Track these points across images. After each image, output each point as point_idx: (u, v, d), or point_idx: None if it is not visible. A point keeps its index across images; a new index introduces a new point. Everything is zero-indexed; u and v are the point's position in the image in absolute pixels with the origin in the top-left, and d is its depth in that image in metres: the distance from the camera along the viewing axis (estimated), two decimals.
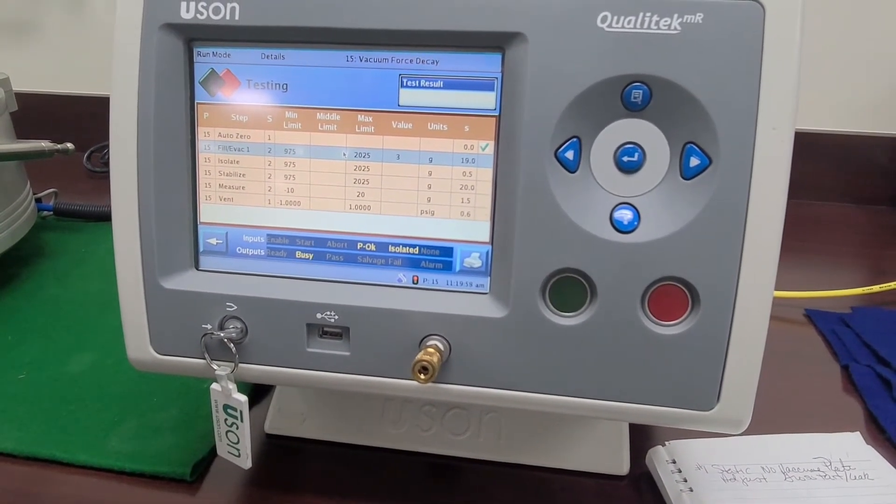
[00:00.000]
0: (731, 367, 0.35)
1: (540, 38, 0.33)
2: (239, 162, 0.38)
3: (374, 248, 0.38)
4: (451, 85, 0.35)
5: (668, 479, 0.42)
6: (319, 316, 0.37)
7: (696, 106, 0.33)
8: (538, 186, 0.34)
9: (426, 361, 0.34)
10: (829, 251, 0.80)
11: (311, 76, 0.37)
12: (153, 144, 0.37)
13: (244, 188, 0.38)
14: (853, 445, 0.46)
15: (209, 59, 0.37)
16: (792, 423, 0.48)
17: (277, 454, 0.46)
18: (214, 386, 0.39)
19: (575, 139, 0.34)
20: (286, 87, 0.37)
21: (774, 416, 0.49)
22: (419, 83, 0.36)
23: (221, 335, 0.37)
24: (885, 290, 0.66)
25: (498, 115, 0.35)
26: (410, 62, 0.36)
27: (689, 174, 0.34)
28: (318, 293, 0.37)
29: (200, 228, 0.39)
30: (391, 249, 0.37)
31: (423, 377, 0.35)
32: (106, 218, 0.84)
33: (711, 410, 0.35)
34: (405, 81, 0.36)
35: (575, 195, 0.34)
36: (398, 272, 0.38)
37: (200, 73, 0.37)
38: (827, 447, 0.45)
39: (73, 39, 1.08)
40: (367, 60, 0.36)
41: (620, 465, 0.44)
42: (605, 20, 0.33)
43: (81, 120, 1.06)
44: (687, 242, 0.33)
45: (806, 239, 0.81)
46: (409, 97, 0.36)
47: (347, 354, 0.37)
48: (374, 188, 0.37)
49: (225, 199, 0.38)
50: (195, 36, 0.37)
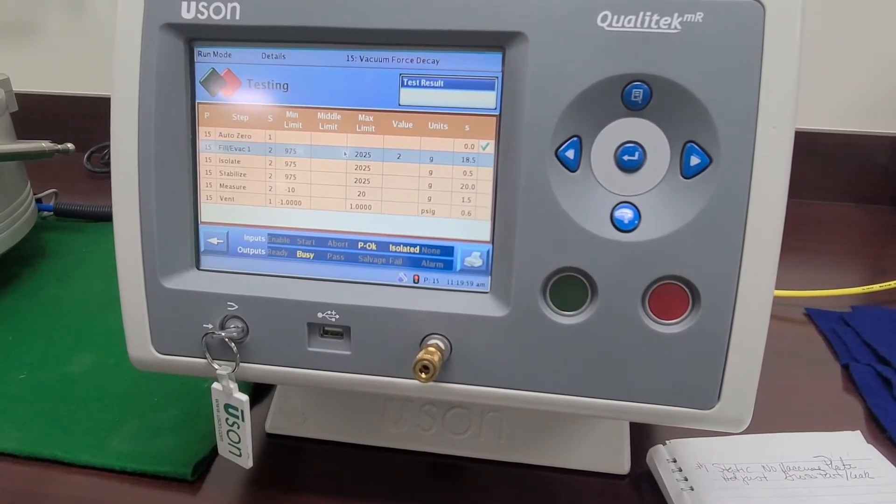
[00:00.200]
0: (731, 365, 0.35)
1: (540, 37, 0.33)
2: (240, 161, 0.38)
3: (374, 247, 0.38)
4: (451, 84, 0.35)
5: (668, 478, 0.42)
6: (320, 315, 0.37)
7: (696, 105, 0.33)
8: (539, 185, 0.34)
9: (427, 360, 0.34)
10: (829, 250, 0.80)
11: (311, 76, 0.37)
12: (154, 144, 0.37)
13: (245, 188, 0.38)
14: (853, 444, 0.46)
15: (210, 58, 0.37)
16: (792, 421, 0.48)
17: (278, 454, 0.46)
18: (215, 385, 0.39)
19: (575, 138, 0.34)
20: (287, 86, 0.37)
21: (775, 414, 0.49)
22: (420, 83, 0.36)
23: (222, 335, 0.37)
24: (885, 289, 0.66)
25: (498, 114, 0.35)
26: (411, 62, 0.36)
27: (689, 173, 0.34)
28: (318, 292, 0.37)
29: (201, 228, 0.39)
30: (392, 249, 0.38)
31: (424, 376, 0.35)
32: (106, 218, 0.84)
33: (712, 409, 0.35)
34: (406, 81, 0.36)
35: (575, 194, 0.34)
36: (399, 271, 0.38)
37: (201, 72, 0.37)
38: (827, 446, 0.45)
39: (73, 40, 1.08)
40: (367, 60, 0.36)
41: (621, 464, 0.44)
42: (605, 19, 0.33)
43: (81, 120, 1.06)
44: (687, 241, 0.33)
45: (806, 238, 0.81)
46: (409, 97, 0.36)
47: (348, 354, 0.37)
48: (374, 187, 0.37)
49: (226, 198, 0.38)
50: (196, 36, 0.37)
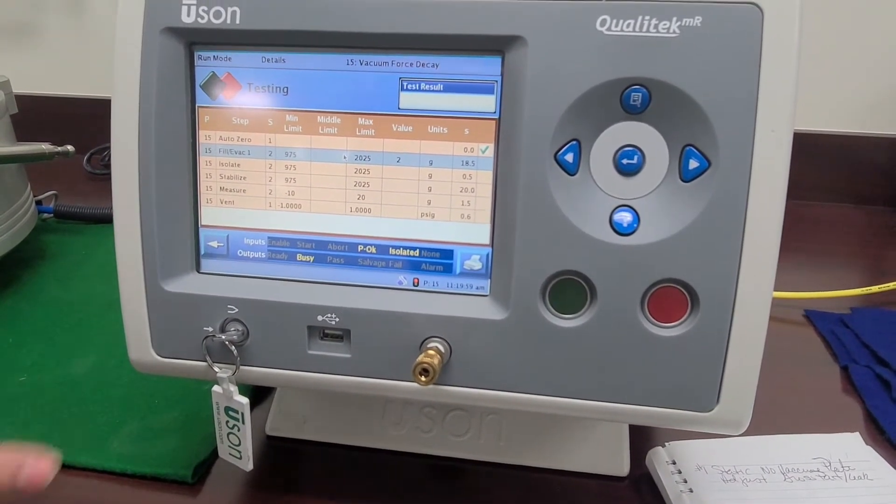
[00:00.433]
0: (730, 368, 0.35)
1: (539, 41, 0.33)
2: (240, 165, 0.38)
3: (374, 250, 0.38)
4: (451, 88, 0.36)
5: (668, 479, 0.42)
6: (320, 318, 0.37)
7: (695, 109, 0.33)
8: (538, 189, 0.34)
9: (427, 363, 0.35)
10: (828, 252, 0.80)
11: (311, 79, 0.37)
12: (154, 148, 0.37)
13: (245, 191, 0.38)
14: (853, 446, 0.46)
15: (210, 62, 0.37)
16: (791, 423, 0.48)
17: (279, 456, 0.46)
18: (216, 388, 0.39)
19: (574, 142, 0.34)
20: (287, 90, 0.37)
21: (774, 416, 0.49)
22: (419, 86, 0.36)
23: (223, 337, 0.38)
24: (884, 290, 0.66)
25: (498, 117, 0.35)
26: (411, 65, 0.36)
27: (688, 177, 0.34)
28: (318, 295, 0.37)
29: (201, 231, 0.39)
30: (392, 252, 0.38)
31: (423, 379, 0.35)
32: (106, 220, 0.84)
33: (711, 411, 0.35)
34: (405, 84, 0.36)
35: (575, 197, 0.34)
36: (399, 274, 0.38)
37: (201, 76, 0.38)
38: (826, 448, 0.45)
39: (73, 42, 1.08)
40: (367, 64, 0.36)
41: (621, 466, 0.45)
42: (604, 23, 0.33)
43: (81, 122, 1.06)
44: (686, 244, 0.34)
45: (805, 239, 0.81)
46: (409, 100, 0.36)
47: (348, 356, 0.37)
48: (374, 191, 0.37)
49: (226, 201, 0.38)
50: (196, 39, 0.37)
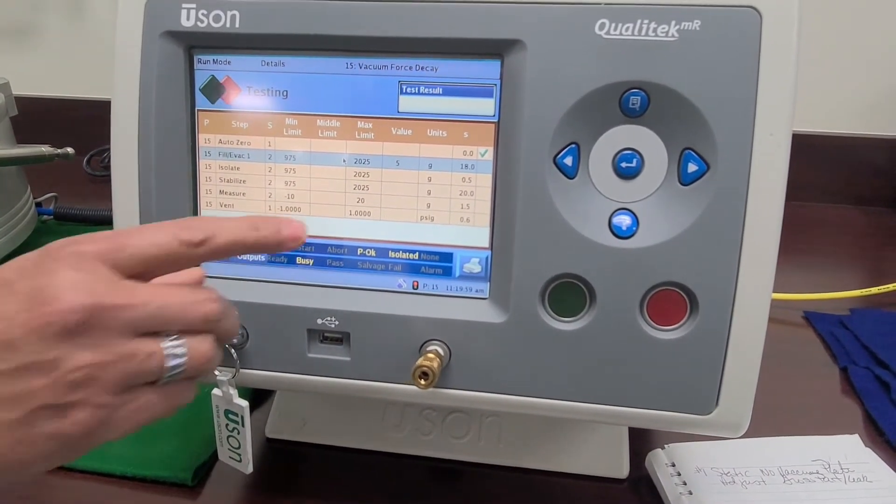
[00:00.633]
0: (729, 370, 0.35)
1: (538, 45, 0.34)
2: (239, 168, 0.38)
3: (374, 253, 0.38)
4: (450, 91, 0.36)
5: (667, 482, 0.42)
6: (320, 321, 0.37)
7: (693, 112, 0.33)
8: (537, 192, 0.34)
9: (426, 367, 0.35)
10: (827, 253, 0.80)
11: (311, 83, 0.37)
12: (154, 151, 0.37)
13: (244, 194, 0.38)
14: (852, 448, 0.46)
15: (209, 66, 0.37)
16: (790, 425, 0.48)
17: (278, 458, 0.46)
18: (216, 391, 0.39)
19: (573, 145, 0.34)
20: (286, 93, 0.37)
21: (773, 418, 0.49)
22: (418, 90, 0.36)
23: None
24: (883, 291, 0.66)
25: (497, 121, 0.35)
26: (410, 69, 0.36)
27: (687, 180, 0.34)
28: (318, 299, 0.37)
29: None
30: (391, 255, 0.38)
31: (423, 382, 0.35)
32: (106, 222, 0.84)
33: (710, 414, 0.35)
34: (404, 88, 0.36)
35: (574, 201, 0.35)
36: (398, 278, 0.38)
37: (201, 80, 0.38)
38: (826, 450, 0.45)
39: (73, 43, 1.08)
40: (366, 67, 0.36)
41: (620, 468, 0.45)
42: (603, 27, 0.33)
43: (81, 124, 1.05)
44: (685, 248, 0.34)
45: (804, 240, 0.81)
46: (408, 104, 0.36)
47: (348, 360, 0.37)
48: (373, 194, 0.37)
49: (225, 205, 0.39)
50: (196, 43, 0.37)
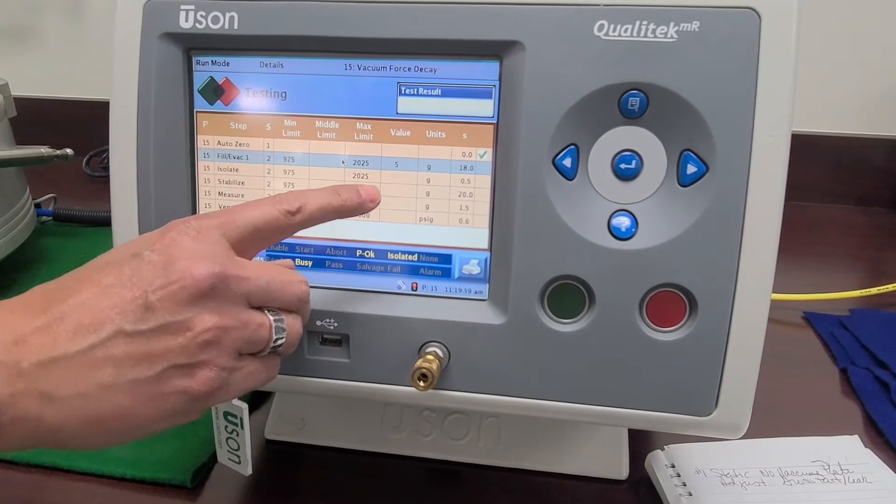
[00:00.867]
0: (729, 372, 0.35)
1: (537, 46, 0.33)
2: (238, 170, 0.38)
3: (373, 255, 0.38)
4: (449, 93, 0.36)
5: (667, 483, 0.42)
6: (319, 323, 0.37)
7: (692, 113, 0.33)
8: (536, 193, 0.34)
9: (425, 368, 0.35)
10: (826, 253, 0.80)
11: (309, 84, 0.37)
12: (153, 152, 0.37)
13: (243, 196, 0.38)
14: (851, 449, 0.46)
15: (208, 67, 0.37)
16: (790, 426, 0.48)
17: (278, 460, 0.46)
18: None
19: (573, 146, 0.34)
20: (285, 95, 0.37)
21: (773, 419, 0.49)
22: (417, 91, 0.36)
23: None
24: (882, 292, 0.66)
25: (496, 122, 0.35)
26: (409, 70, 0.36)
27: (686, 181, 0.34)
28: (317, 300, 0.37)
29: None
30: (390, 256, 0.38)
31: (422, 384, 0.35)
32: (105, 223, 0.84)
33: (710, 416, 0.35)
34: (403, 89, 0.36)
35: (573, 202, 0.34)
36: (397, 279, 0.38)
37: (199, 81, 0.38)
38: (825, 450, 0.45)
39: (71, 45, 1.08)
40: (365, 68, 0.36)
41: (620, 469, 0.45)
42: (601, 28, 0.33)
43: (80, 125, 1.05)
44: (684, 249, 0.34)
45: (803, 241, 0.81)
46: (407, 105, 0.36)
47: (347, 361, 0.37)
48: None
49: (224, 206, 0.38)
50: (194, 45, 0.37)
